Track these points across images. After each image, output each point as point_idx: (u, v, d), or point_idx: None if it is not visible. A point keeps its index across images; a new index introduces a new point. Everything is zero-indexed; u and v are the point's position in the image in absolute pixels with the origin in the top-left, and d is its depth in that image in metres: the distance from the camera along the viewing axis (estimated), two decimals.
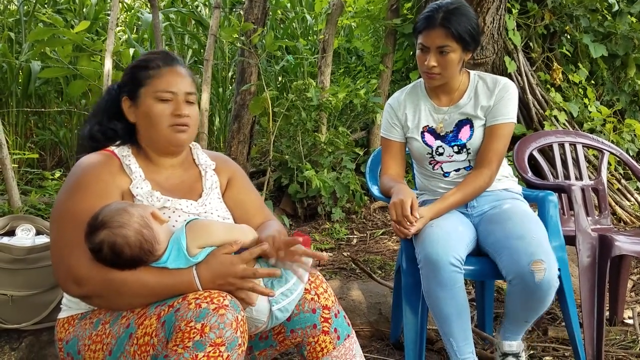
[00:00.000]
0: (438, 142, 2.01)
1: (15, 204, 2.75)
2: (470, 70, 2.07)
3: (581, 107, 4.61)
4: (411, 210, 1.83)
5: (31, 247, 1.92)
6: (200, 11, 5.72)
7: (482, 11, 3.77)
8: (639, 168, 2.64)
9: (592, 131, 4.49)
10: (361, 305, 2.44)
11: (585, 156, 3.45)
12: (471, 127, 1.98)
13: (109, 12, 3.68)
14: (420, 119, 2.04)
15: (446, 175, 2.03)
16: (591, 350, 2.02)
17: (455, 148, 2.00)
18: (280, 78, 5.33)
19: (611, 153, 2.65)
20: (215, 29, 3.67)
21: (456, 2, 1.89)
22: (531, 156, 2.55)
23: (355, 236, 3.70)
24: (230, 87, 5.15)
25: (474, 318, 2.44)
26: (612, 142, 3.57)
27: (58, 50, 3.69)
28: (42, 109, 4.56)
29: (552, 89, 4.63)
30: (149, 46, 5.08)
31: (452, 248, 1.76)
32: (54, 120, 4.65)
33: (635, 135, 4.69)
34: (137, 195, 1.46)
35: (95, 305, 1.40)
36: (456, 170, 2.02)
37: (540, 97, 4.52)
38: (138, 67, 1.54)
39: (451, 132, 2.00)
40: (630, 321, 2.52)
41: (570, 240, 2.10)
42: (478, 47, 2.04)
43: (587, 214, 2.49)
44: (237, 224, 1.56)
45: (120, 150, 1.53)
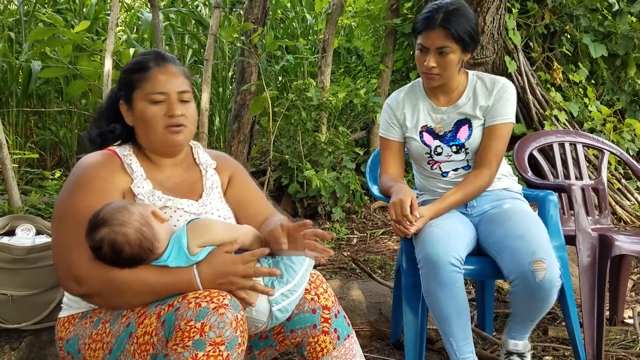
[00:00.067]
0: (436, 142, 2.01)
1: (15, 204, 2.75)
2: (469, 70, 2.07)
3: (581, 107, 4.61)
4: (411, 209, 1.83)
5: (31, 247, 1.92)
6: (200, 11, 5.72)
7: (482, 11, 3.77)
8: (639, 168, 2.64)
9: (592, 131, 4.49)
10: (361, 305, 2.44)
11: (585, 156, 3.45)
12: (470, 127, 1.98)
13: (109, 12, 3.67)
14: (418, 119, 2.04)
15: (445, 175, 2.03)
16: (591, 350, 2.02)
17: (453, 148, 1.99)
18: (280, 78, 5.33)
19: (611, 153, 2.65)
20: (215, 29, 3.67)
21: (456, 3, 1.88)
22: (531, 156, 2.55)
23: (355, 236, 3.70)
24: (230, 87, 5.15)
25: (474, 318, 2.44)
26: (612, 142, 3.56)
27: (58, 50, 3.70)
28: (42, 109, 4.56)
29: (552, 89, 4.62)
30: (149, 46, 5.08)
31: (452, 248, 1.76)
32: (54, 120, 4.65)
33: (635, 134, 4.68)
34: (139, 194, 1.46)
35: (95, 304, 1.40)
36: (454, 170, 2.02)
37: (540, 97, 4.52)
38: (130, 71, 1.53)
39: (450, 132, 2.00)
40: (630, 321, 2.52)
41: (570, 240, 2.10)
42: (477, 48, 2.04)
43: (587, 214, 2.49)
44: (239, 225, 1.56)
45: (121, 149, 1.53)
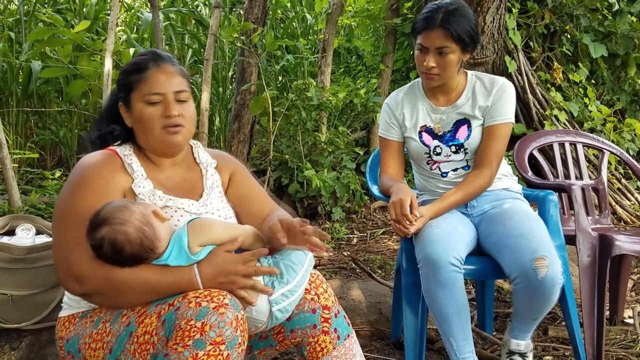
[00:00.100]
0: (436, 142, 2.01)
1: (15, 204, 2.75)
2: (468, 70, 2.06)
3: (581, 107, 4.61)
4: (411, 209, 1.83)
5: (31, 247, 1.92)
6: (200, 11, 5.72)
7: (482, 11, 3.77)
8: (639, 167, 2.64)
9: (593, 131, 4.49)
10: (361, 304, 2.44)
11: (585, 156, 3.45)
12: (469, 127, 1.98)
13: (109, 12, 3.67)
14: (418, 119, 2.04)
15: (444, 175, 2.03)
16: (591, 349, 2.01)
17: (452, 148, 1.99)
18: (280, 78, 5.33)
19: (611, 152, 2.65)
20: (215, 29, 3.67)
21: (455, 3, 1.88)
22: (531, 156, 2.55)
23: (355, 236, 3.70)
24: (230, 87, 5.15)
25: (474, 318, 2.44)
26: (613, 142, 3.56)
27: (58, 50, 3.70)
28: (43, 109, 4.56)
29: (553, 89, 4.62)
30: (149, 46, 5.08)
31: (452, 248, 1.76)
32: (54, 120, 4.65)
33: (635, 134, 4.68)
34: (139, 194, 1.46)
35: (96, 303, 1.40)
36: (454, 170, 2.02)
37: (540, 97, 4.52)
38: (127, 72, 1.53)
39: (449, 132, 2.00)
40: (630, 321, 2.52)
41: (570, 239, 2.10)
42: (477, 48, 2.03)
43: (588, 214, 2.49)
44: (240, 225, 1.56)
45: (121, 149, 1.53)
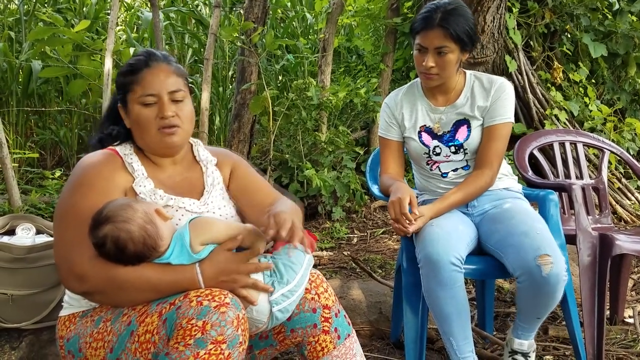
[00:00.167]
0: (435, 142, 2.01)
1: (15, 203, 2.75)
2: (468, 69, 2.06)
3: (582, 106, 4.61)
4: (411, 207, 1.82)
5: (31, 246, 1.92)
6: (200, 10, 5.72)
7: (483, 10, 3.76)
8: (639, 167, 2.63)
9: (593, 130, 4.48)
10: (361, 304, 2.44)
11: (585, 155, 3.45)
12: (468, 128, 1.98)
13: (109, 11, 3.67)
14: (417, 119, 2.03)
15: (444, 175, 2.03)
16: (592, 349, 2.01)
17: (452, 148, 1.99)
18: (280, 77, 5.33)
19: (612, 152, 2.64)
20: (215, 28, 3.67)
21: (454, 3, 1.88)
22: (532, 155, 2.54)
23: (355, 235, 3.70)
24: (230, 86, 5.14)
25: (474, 317, 2.44)
26: (613, 141, 3.55)
27: (58, 49, 3.70)
28: (43, 108, 4.56)
29: (553, 88, 4.62)
30: (150, 45, 5.08)
31: (453, 247, 1.76)
32: (54, 119, 4.65)
33: (635, 134, 4.68)
34: (140, 193, 1.46)
35: (97, 301, 1.40)
36: (454, 170, 2.02)
37: (540, 96, 4.51)
38: (123, 74, 1.52)
39: (448, 132, 2.00)
40: (630, 320, 2.52)
41: (570, 239, 2.10)
42: (476, 47, 2.03)
43: (588, 213, 2.49)
44: (240, 223, 1.56)
45: (122, 148, 1.53)
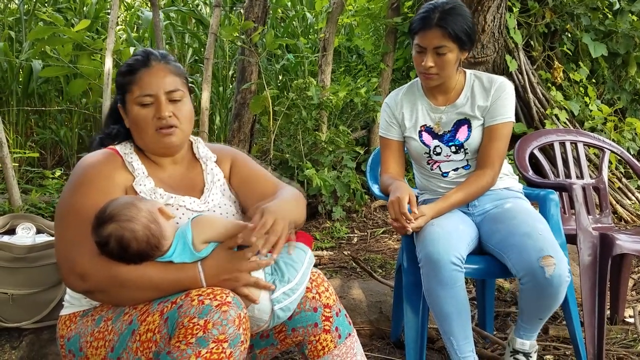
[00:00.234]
0: (435, 142, 2.01)
1: (15, 203, 2.75)
2: (468, 69, 2.06)
3: (582, 106, 4.60)
4: (410, 206, 1.82)
5: (31, 246, 1.92)
6: (200, 10, 5.72)
7: (483, 10, 3.76)
8: None
9: (593, 130, 4.48)
10: (362, 304, 2.43)
11: (586, 155, 3.45)
12: (469, 128, 1.97)
13: (109, 11, 3.67)
14: (417, 119, 2.03)
15: (445, 175, 2.03)
16: (592, 349, 2.01)
17: (452, 148, 1.99)
18: (280, 77, 5.33)
19: (612, 152, 2.64)
20: (215, 28, 3.67)
21: (451, 2, 1.88)
22: (532, 155, 2.54)
23: (355, 235, 3.70)
24: (230, 86, 5.14)
25: (475, 317, 2.44)
26: (613, 141, 3.55)
27: (58, 49, 3.69)
28: (43, 108, 4.56)
29: (553, 88, 4.61)
30: (150, 45, 5.08)
31: (453, 247, 1.76)
32: (55, 119, 4.65)
33: (636, 133, 4.68)
34: (140, 192, 1.46)
35: (98, 300, 1.40)
36: (455, 170, 2.01)
37: (541, 96, 4.51)
38: (121, 74, 1.52)
39: (449, 132, 2.00)
40: (631, 320, 2.52)
41: (571, 239, 2.10)
42: (474, 46, 2.03)
43: (588, 213, 2.49)
44: (241, 222, 1.56)
45: (122, 148, 1.53)
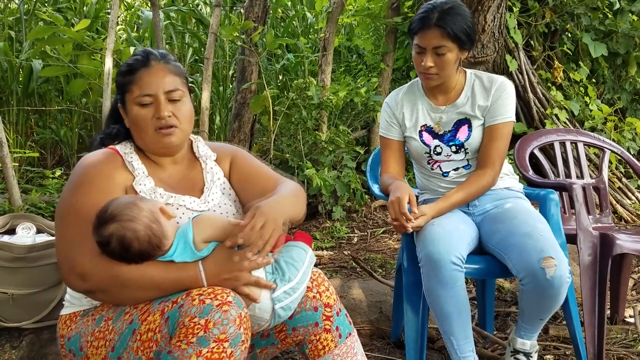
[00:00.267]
0: (436, 142, 2.00)
1: (15, 203, 2.75)
2: (469, 68, 2.06)
3: (582, 106, 4.60)
4: (410, 206, 1.82)
5: (32, 246, 1.92)
6: (200, 10, 5.72)
7: (483, 9, 3.76)
8: None
9: (593, 130, 4.48)
10: (362, 303, 2.43)
11: (586, 155, 3.45)
12: (469, 127, 1.97)
13: (110, 11, 3.67)
14: (418, 118, 2.03)
15: (445, 175, 2.03)
16: (592, 348, 2.01)
17: (453, 148, 1.99)
18: (280, 76, 5.32)
19: (612, 151, 2.64)
20: (215, 28, 3.67)
21: (450, 2, 1.88)
22: (532, 154, 2.54)
23: (355, 235, 3.70)
24: (230, 86, 5.14)
25: (475, 317, 2.44)
26: (613, 141, 3.55)
27: (58, 48, 3.69)
28: (43, 108, 4.56)
29: (553, 88, 4.61)
30: (150, 45, 5.08)
31: (454, 247, 1.76)
32: (55, 118, 4.65)
33: (636, 133, 4.67)
34: (140, 192, 1.46)
35: (99, 300, 1.40)
36: (455, 169, 2.01)
37: (541, 96, 4.51)
38: (121, 73, 1.52)
39: (449, 132, 2.00)
40: (631, 320, 2.51)
41: (571, 238, 2.10)
42: (474, 46, 2.03)
43: (588, 213, 2.48)
44: (237, 221, 1.55)
45: (122, 147, 1.53)
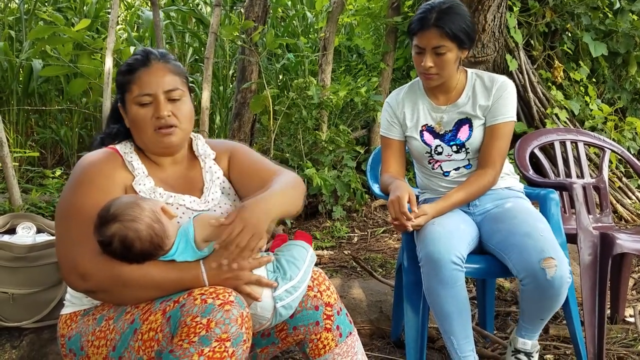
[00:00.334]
0: (437, 142, 2.01)
1: (16, 202, 2.75)
2: (469, 68, 2.06)
3: (582, 105, 4.60)
4: (410, 205, 1.82)
5: (32, 245, 1.92)
6: (200, 9, 5.72)
7: (483, 9, 3.76)
8: None
9: (594, 129, 4.48)
10: (362, 303, 2.43)
11: (586, 154, 3.44)
12: (470, 127, 1.97)
13: (110, 10, 3.67)
14: (419, 118, 2.03)
15: (446, 174, 2.03)
16: (592, 348, 2.01)
17: (454, 147, 1.99)
18: (281, 76, 5.32)
19: (612, 151, 2.64)
20: (215, 27, 3.67)
21: (448, 1, 1.88)
22: (532, 154, 2.54)
23: (356, 234, 3.70)
24: (231, 86, 5.14)
25: (475, 316, 2.44)
26: (614, 140, 3.55)
27: (59, 48, 3.69)
28: (43, 107, 4.56)
29: (553, 87, 4.61)
30: (150, 44, 5.08)
31: (454, 246, 1.76)
32: (55, 118, 4.65)
33: (636, 133, 4.67)
34: (140, 191, 1.46)
35: (100, 299, 1.40)
36: (456, 169, 2.01)
37: (541, 95, 4.51)
38: (121, 73, 1.52)
39: (450, 132, 2.00)
40: (631, 319, 2.51)
41: (571, 238, 2.10)
42: (474, 45, 2.03)
43: (589, 212, 2.48)
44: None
45: (122, 147, 1.53)
